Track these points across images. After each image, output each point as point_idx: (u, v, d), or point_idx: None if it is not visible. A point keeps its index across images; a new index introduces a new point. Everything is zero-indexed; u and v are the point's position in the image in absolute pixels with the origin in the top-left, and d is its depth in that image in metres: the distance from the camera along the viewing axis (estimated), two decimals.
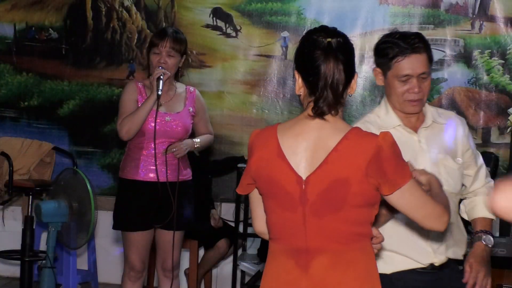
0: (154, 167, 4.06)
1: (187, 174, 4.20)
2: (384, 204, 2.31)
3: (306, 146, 2.24)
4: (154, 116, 4.01)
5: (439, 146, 2.84)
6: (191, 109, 4.18)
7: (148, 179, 4.07)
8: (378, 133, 2.23)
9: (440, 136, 2.87)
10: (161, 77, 4.00)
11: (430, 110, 2.89)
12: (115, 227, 4.19)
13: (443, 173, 2.77)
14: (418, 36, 2.76)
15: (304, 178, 2.22)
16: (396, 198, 2.21)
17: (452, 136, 2.88)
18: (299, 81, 2.28)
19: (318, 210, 2.21)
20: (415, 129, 2.85)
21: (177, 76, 4.21)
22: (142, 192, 4.07)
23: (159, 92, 3.99)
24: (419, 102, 2.78)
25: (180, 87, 4.23)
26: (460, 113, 5.42)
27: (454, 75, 5.63)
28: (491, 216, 2.92)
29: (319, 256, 2.21)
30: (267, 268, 2.31)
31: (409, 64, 2.72)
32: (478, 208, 2.94)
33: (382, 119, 2.85)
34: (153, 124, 4.02)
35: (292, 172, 2.23)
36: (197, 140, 4.20)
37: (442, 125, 2.89)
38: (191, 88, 4.26)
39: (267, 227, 2.33)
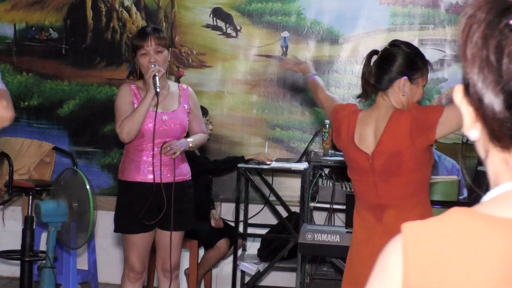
0: (154, 168, 4.05)
1: (186, 174, 4.19)
2: None
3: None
4: (151, 117, 3.99)
5: None
6: (186, 106, 4.16)
7: (149, 180, 4.05)
8: None
9: None
10: (157, 74, 3.99)
11: None
12: (116, 230, 4.16)
13: None
14: None
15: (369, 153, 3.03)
16: (441, 130, 2.87)
17: None
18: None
19: (384, 177, 2.99)
20: None
21: (166, 72, 4.20)
22: (142, 193, 4.05)
23: (158, 90, 3.97)
24: None
25: (173, 86, 4.22)
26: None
27: (454, 75, 5.63)
28: None
29: (388, 210, 3.00)
30: (354, 217, 3.14)
31: None
32: None
33: None
34: (150, 125, 3.99)
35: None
36: (191, 139, 4.17)
37: None
38: (184, 86, 4.25)
39: (353, 188, 3.18)
